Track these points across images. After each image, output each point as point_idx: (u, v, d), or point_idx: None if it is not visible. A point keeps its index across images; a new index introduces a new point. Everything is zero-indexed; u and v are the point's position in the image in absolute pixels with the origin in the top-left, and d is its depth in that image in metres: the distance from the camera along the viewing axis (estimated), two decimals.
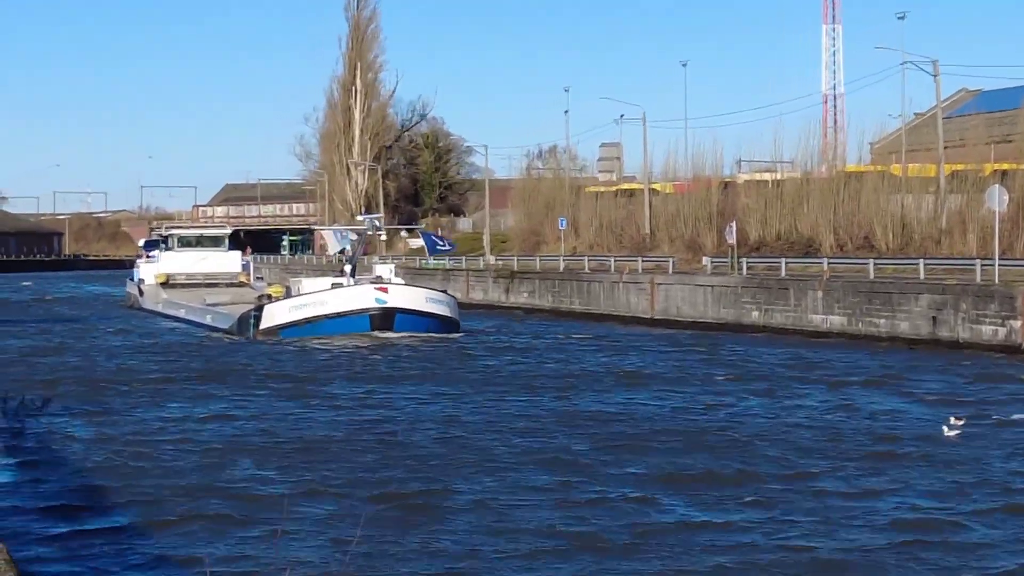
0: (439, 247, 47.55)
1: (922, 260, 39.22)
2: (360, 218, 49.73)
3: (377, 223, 47.53)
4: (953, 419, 20.23)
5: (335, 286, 41.10)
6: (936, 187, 47.12)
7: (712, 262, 48.51)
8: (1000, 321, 33.28)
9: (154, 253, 63.20)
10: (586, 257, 58.00)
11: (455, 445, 19.35)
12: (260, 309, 41.41)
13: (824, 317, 39.38)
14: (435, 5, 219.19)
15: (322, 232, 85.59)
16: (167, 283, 58.94)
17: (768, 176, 56.09)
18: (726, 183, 58.44)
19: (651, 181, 63.92)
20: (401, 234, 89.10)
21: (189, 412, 23.11)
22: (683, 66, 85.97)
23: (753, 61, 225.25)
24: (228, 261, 60.49)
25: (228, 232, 63.82)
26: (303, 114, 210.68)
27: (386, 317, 39.26)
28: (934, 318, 35.24)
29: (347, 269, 42.68)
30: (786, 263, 43.99)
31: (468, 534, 13.84)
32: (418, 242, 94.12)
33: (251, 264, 63.90)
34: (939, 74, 48.87)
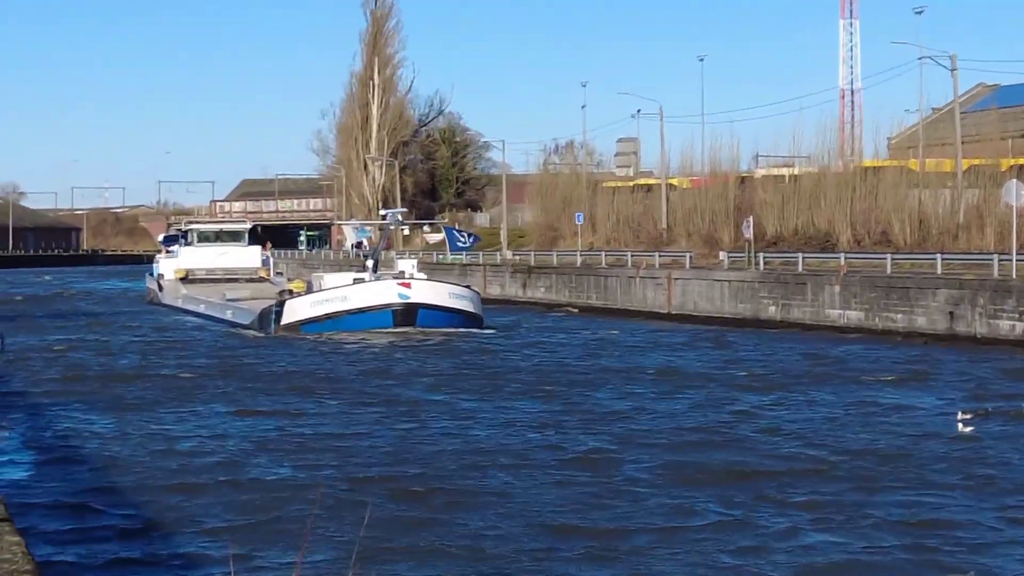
0: (460, 243, 47.46)
1: (939, 255, 39.28)
2: (383, 212, 49.41)
3: (400, 217, 47.15)
4: (961, 413, 20.35)
5: (357, 281, 40.81)
6: (953, 182, 47.15)
7: (729, 257, 48.60)
8: (1018, 316, 33.35)
9: (174, 248, 63.06)
10: (603, 252, 58.10)
11: (479, 442, 19.41)
12: (281, 304, 41.25)
13: (841, 312, 39.48)
14: (452, 0, 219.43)
15: (344, 229, 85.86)
16: (187, 278, 58.71)
17: (785, 171, 56.19)
18: (743, 178, 58.55)
19: (668, 176, 64.05)
20: (424, 228, 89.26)
21: (210, 408, 23.12)
22: (700, 61, 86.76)
23: (770, 56, 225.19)
24: (248, 256, 60.34)
25: (248, 227, 63.53)
26: (320, 109, 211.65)
27: (409, 313, 39.07)
28: (951, 313, 35.32)
29: (369, 264, 42.45)
30: (803, 258, 44.05)
31: (491, 530, 13.91)
32: (436, 237, 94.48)
33: (271, 259, 63.82)
34: (956, 69, 48.92)
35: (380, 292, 39.69)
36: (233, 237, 61.33)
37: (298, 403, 23.78)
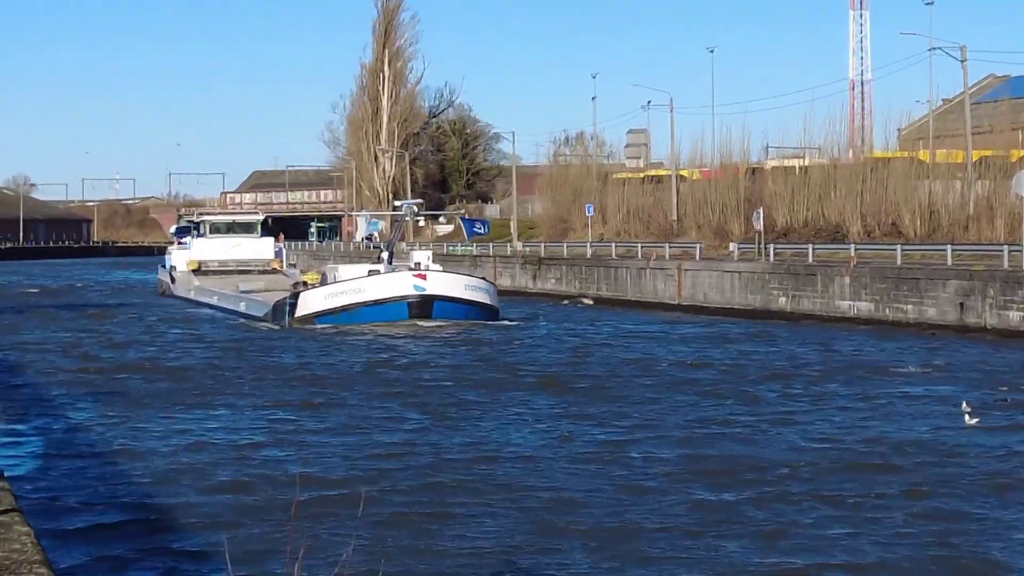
0: (476, 229, 47.48)
1: (949, 246, 39.36)
2: (398, 203, 49.14)
3: (416, 208, 46.81)
4: (965, 404, 20.52)
5: (372, 273, 40.52)
6: (963, 173, 47.22)
7: (739, 248, 48.73)
8: None
9: (186, 240, 62.93)
10: (613, 243, 58.25)
11: (494, 436, 19.47)
12: (296, 296, 40.98)
13: (851, 303, 39.62)
14: None
15: (357, 220, 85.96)
16: (199, 270, 58.64)
17: (795, 162, 56.30)
18: (753, 169, 58.66)
19: (678, 167, 64.17)
20: (440, 219, 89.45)
21: (222, 401, 22.93)
22: (710, 52, 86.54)
23: (780, 48, 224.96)
24: (261, 248, 60.12)
25: (260, 218, 63.29)
26: (331, 101, 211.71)
27: (424, 305, 38.67)
28: (961, 304, 35.45)
29: (384, 256, 42.12)
30: (813, 249, 44.16)
31: (503, 528, 13.98)
32: (446, 228, 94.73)
33: (284, 251, 63.65)
34: (967, 60, 48.91)
35: (395, 284, 39.37)
36: (246, 229, 61.11)
37: (311, 397, 23.46)
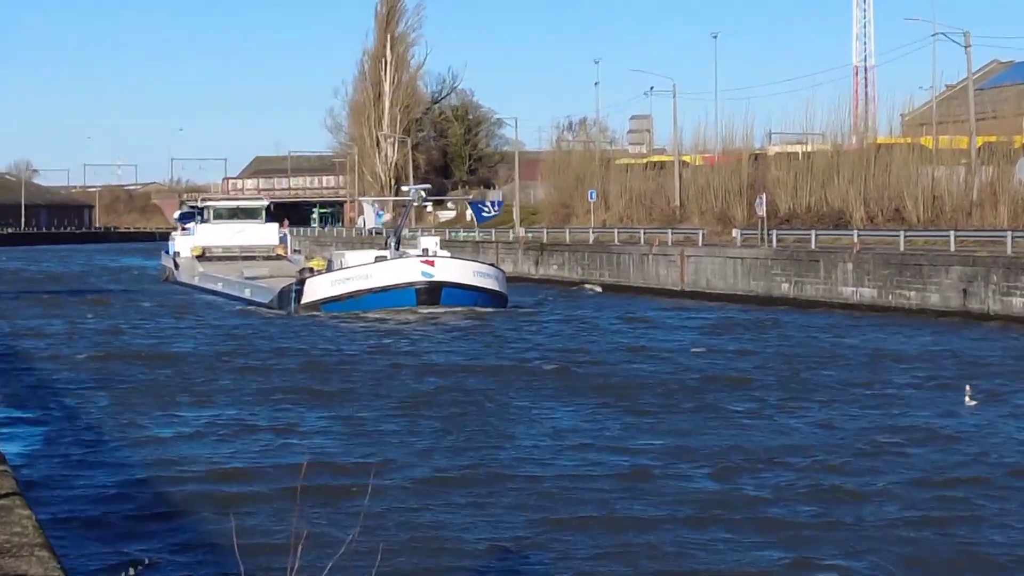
0: (485, 212, 47.32)
1: (953, 232, 39.44)
2: (405, 188, 48.82)
3: (424, 194, 46.65)
4: (968, 386, 20.67)
5: (379, 259, 40.22)
6: (967, 159, 47.28)
7: (742, 234, 48.82)
8: None
9: (189, 225, 62.50)
10: (616, 229, 58.29)
11: (505, 424, 19.51)
12: (302, 283, 40.54)
13: (854, 289, 39.72)
14: None
15: (363, 205, 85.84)
16: (203, 256, 58.22)
17: (798, 148, 56.36)
18: (756, 155, 58.72)
19: (681, 153, 64.21)
20: (448, 204, 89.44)
21: (227, 390, 22.80)
22: (714, 38, 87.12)
23: (783, 33, 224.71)
24: (265, 233, 59.68)
25: (265, 204, 62.86)
26: (333, 87, 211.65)
27: (433, 291, 38.29)
28: (965, 290, 35.55)
29: (391, 242, 41.78)
30: (816, 235, 44.22)
31: (515, 508, 14.07)
32: (449, 214, 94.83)
33: (288, 237, 63.47)
34: (970, 45, 48.97)
35: (403, 270, 38.98)
36: (250, 214, 60.71)
37: (318, 384, 23.24)
